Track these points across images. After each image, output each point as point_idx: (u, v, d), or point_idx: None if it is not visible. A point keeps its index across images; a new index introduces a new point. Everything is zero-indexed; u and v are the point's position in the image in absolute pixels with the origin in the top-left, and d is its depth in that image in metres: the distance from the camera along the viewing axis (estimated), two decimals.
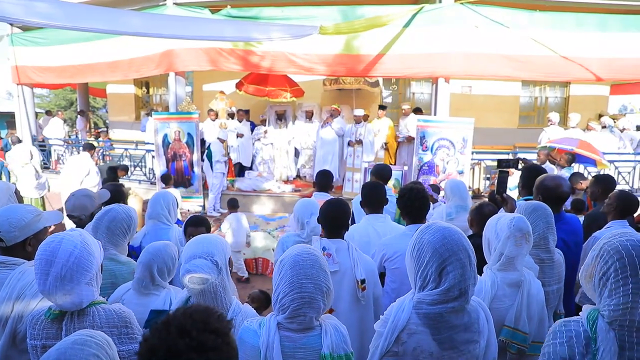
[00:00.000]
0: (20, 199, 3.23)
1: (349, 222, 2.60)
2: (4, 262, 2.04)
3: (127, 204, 3.62)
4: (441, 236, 1.59)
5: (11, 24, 10.20)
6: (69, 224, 3.17)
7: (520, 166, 4.15)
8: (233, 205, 6.32)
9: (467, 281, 1.58)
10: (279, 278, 1.62)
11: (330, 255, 2.39)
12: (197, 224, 3.08)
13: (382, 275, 2.78)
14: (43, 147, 11.24)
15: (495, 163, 8.86)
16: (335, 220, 2.54)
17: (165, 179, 7.77)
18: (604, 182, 3.89)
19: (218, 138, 8.85)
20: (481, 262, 2.27)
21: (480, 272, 2.23)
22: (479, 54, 7.49)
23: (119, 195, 3.58)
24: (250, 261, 6.14)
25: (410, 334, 1.61)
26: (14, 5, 4.65)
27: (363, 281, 2.37)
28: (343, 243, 2.49)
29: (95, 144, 10.52)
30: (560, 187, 2.85)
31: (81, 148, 8.63)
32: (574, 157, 6.73)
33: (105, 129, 16.92)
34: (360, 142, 8.66)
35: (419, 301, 1.61)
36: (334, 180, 9.07)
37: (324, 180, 4.23)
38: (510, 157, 5.30)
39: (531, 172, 3.28)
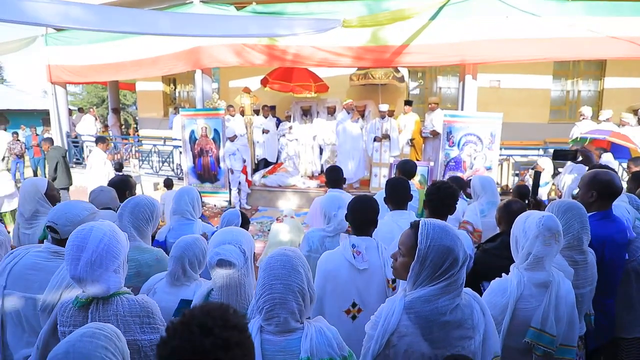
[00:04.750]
0: (53, 198, 3.29)
1: (377, 219, 2.55)
2: (58, 251, 2.16)
3: (134, 193, 3.68)
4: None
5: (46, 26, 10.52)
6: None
7: (579, 158, 3.92)
8: (168, 185, 7.97)
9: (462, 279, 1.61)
10: (257, 281, 1.62)
11: (360, 253, 2.36)
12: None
13: None
14: (76, 143, 11.57)
15: (525, 159, 8.73)
16: (364, 218, 2.49)
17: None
18: None
19: (228, 137, 8.91)
20: (509, 262, 2.22)
21: (507, 272, 2.18)
22: (510, 39, 7.27)
23: (124, 184, 3.60)
24: None
25: (400, 337, 1.59)
26: (48, 11, 4.78)
27: (394, 280, 2.33)
28: (372, 241, 2.45)
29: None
30: (615, 181, 2.73)
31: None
32: (605, 151, 6.50)
33: (136, 126, 17.33)
34: (387, 136, 8.58)
35: (410, 301, 1.60)
36: (362, 175, 9.11)
37: (334, 175, 4.17)
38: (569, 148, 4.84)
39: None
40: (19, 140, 13.95)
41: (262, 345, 1.55)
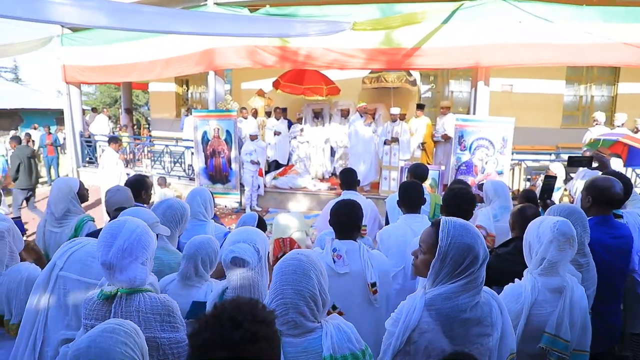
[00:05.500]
0: (83, 197, 3.36)
1: (361, 224, 2.55)
2: None
3: (150, 193, 3.72)
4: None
5: (62, 25, 10.67)
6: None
7: (594, 165, 3.81)
8: (161, 183, 8.37)
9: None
10: (270, 284, 1.65)
11: (341, 257, 2.35)
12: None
13: None
14: (89, 142, 11.71)
15: (537, 164, 8.67)
16: (346, 221, 2.49)
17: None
18: None
19: (250, 135, 8.94)
20: (522, 267, 2.22)
21: (520, 277, 2.18)
22: (524, 44, 7.26)
23: (140, 184, 3.62)
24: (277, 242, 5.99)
25: (421, 333, 1.60)
26: (63, 8, 4.86)
27: (374, 284, 2.33)
28: (354, 244, 2.45)
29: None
30: (613, 188, 2.73)
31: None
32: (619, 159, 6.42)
33: (148, 126, 17.53)
34: (396, 140, 8.58)
35: (431, 298, 1.61)
36: (373, 178, 9.10)
37: (348, 178, 4.17)
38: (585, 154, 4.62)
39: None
40: (32, 140, 14.15)
41: (284, 348, 1.56)
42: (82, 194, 3.32)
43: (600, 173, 3.54)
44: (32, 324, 2.02)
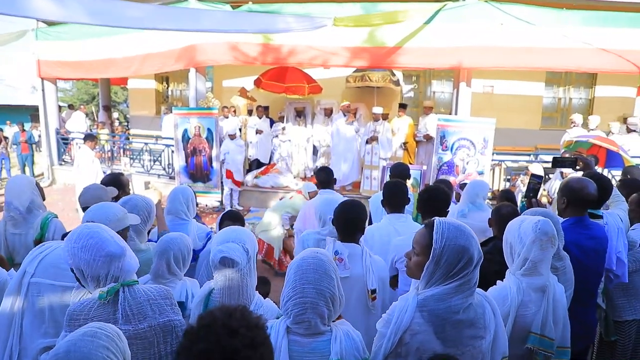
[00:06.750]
0: (42, 191, 3.25)
1: (365, 225, 2.51)
2: None
3: (127, 191, 3.62)
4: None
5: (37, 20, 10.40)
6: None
7: (578, 167, 3.80)
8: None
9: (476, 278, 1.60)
10: (285, 282, 1.62)
11: (342, 260, 2.30)
12: (233, 219, 3.14)
13: (396, 276, 2.74)
14: (66, 140, 11.43)
15: (516, 165, 8.78)
16: (351, 223, 2.44)
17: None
18: (631, 187, 3.75)
19: (229, 134, 8.84)
20: (500, 266, 2.21)
21: (501, 278, 2.17)
22: (505, 47, 7.39)
23: (118, 183, 3.53)
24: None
25: (413, 335, 1.58)
26: (42, 2, 4.73)
27: (374, 291, 2.30)
28: (357, 248, 2.40)
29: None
30: (586, 188, 2.74)
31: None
32: (597, 160, 6.53)
33: (127, 124, 17.23)
34: (375, 138, 8.58)
35: (424, 299, 1.59)
36: (356, 178, 9.09)
37: (324, 177, 4.19)
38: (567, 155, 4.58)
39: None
40: (6, 138, 13.79)
41: (290, 346, 1.55)
42: (40, 187, 3.21)
43: (581, 175, 3.57)
44: (6, 336, 1.94)
